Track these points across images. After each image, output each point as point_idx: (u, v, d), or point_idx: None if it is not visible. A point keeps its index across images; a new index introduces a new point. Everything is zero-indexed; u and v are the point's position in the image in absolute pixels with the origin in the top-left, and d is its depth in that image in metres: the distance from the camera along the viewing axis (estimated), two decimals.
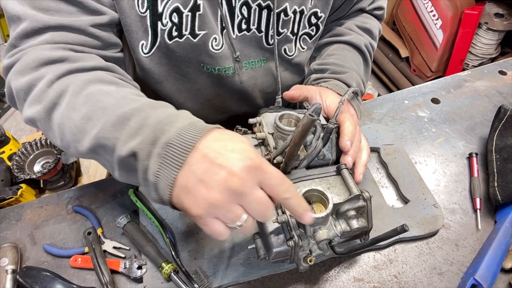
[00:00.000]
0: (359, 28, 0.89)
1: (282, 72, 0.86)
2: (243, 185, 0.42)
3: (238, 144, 0.44)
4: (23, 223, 0.75)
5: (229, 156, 0.43)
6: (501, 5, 2.04)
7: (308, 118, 0.51)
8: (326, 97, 0.72)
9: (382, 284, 0.65)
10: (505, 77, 1.01)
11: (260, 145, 0.66)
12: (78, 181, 1.26)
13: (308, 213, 0.48)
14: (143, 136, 0.46)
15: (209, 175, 0.42)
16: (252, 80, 0.83)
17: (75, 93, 0.54)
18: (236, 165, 0.42)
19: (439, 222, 0.70)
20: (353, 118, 0.68)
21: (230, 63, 0.77)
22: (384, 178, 0.80)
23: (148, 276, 0.66)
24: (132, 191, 0.74)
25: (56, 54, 0.57)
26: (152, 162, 0.45)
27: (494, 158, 0.78)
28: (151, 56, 0.72)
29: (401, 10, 2.38)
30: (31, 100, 0.56)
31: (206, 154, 0.43)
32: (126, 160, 0.48)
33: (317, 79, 0.80)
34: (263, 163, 0.44)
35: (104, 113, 0.50)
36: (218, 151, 0.43)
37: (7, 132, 1.23)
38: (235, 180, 0.42)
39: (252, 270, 0.66)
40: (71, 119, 0.53)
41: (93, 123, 0.51)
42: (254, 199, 0.43)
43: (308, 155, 0.62)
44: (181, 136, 0.44)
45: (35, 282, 0.63)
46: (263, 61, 0.82)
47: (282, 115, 0.66)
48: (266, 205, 0.44)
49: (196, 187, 0.43)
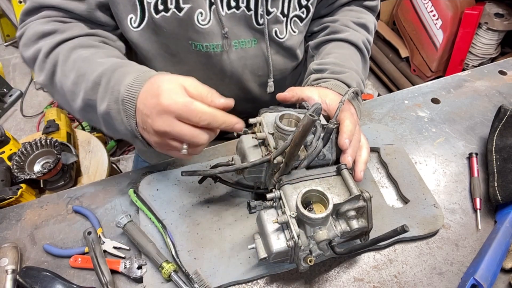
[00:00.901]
0: (355, 24, 0.89)
1: (274, 55, 0.85)
2: (162, 125, 0.55)
3: (159, 90, 0.56)
4: (23, 223, 0.75)
5: (149, 105, 0.56)
6: (501, 5, 2.04)
7: (308, 118, 0.51)
8: (325, 96, 0.72)
9: (382, 284, 0.65)
10: (505, 77, 1.01)
11: (260, 145, 0.66)
12: (78, 181, 1.26)
13: (238, 124, 0.59)
14: (108, 98, 0.61)
15: (145, 124, 0.58)
16: (242, 60, 0.83)
17: (64, 62, 0.67)
18: (152, 112, 0.55)
19: (439, 222, 0.71)
20: (353, 117, 0.68)
21: (218, 40, 0.77)
22: (384, 178, 0.80)
23: (148, 276, 0.66)
24: (132, 191, 0.74)
25: (48, 28, 0.69)
26: (122, 116, 0.60)
27: (494, 158, 0.78)
28: (140, 31, 0.75)
29: (401, 10, 2.38)
30: (37, 69, 0.71)
31: (139, 108, 0.58)
32: (105, 116, 0.62)
33: (316, 79, 0.80)
34: (173, 103, 0.54)
35: (83, 79, 0.64)
36: (144, 103, 0.57)
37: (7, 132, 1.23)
38: (156, 124, 0.56)
39: (252, 270, 0.66)
40: (65, 84, 0.66)
41: (78, 88, 0.64)
42: (177, 132, 0.55)
43: (308, 155, 0.62)
44: (128, 93, 0.59)
45: (35, 282, 0.63)
46: (254, 42, 0.82)
47: (283, 115, 0.66)
48: (190, 134, 0.56)
49: (144, 133, 0.60)
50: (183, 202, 0.75)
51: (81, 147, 1.40)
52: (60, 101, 0.72)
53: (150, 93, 0.57)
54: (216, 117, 0.56)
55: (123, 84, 0.59)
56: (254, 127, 0.69)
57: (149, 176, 0.79)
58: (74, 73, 0.65)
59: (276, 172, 0.62)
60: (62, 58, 0.67)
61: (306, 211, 0.55)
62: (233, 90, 0.88)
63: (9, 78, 2.68)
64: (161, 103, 0.54)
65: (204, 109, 0.56)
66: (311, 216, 0.54)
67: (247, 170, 0.63)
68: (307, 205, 0.59)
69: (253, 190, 0.73)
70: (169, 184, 0.77)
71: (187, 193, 0.76)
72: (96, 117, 0.65)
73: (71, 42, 0.69)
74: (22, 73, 2.74)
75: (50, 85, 0.70)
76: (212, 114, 0.56)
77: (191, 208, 0.74)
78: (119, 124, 0.61)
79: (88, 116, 0.67)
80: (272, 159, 0.60)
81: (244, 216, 0.72)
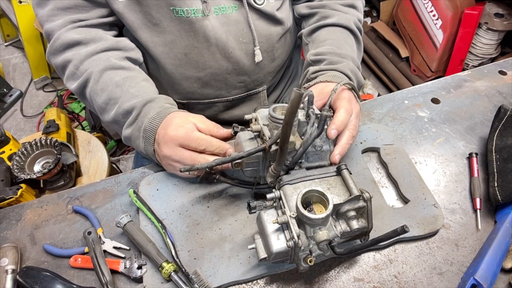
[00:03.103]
0: (343, 6, 0.90)
1: (256, 21, 0.86)
2: (167, 151, 0.70)
3: (169, 123, 0.70)
4: (23, 223, 0.75)
5: (160, 134, 0.71)
6: (501, 5, 2.04)
7: (295, 92, 0.50)
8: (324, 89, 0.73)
9: (382, 284, 0.65)
10: (505, 77, 1.01)
11: (256, 138, 0.67)
12: (78, 181, 1.26)
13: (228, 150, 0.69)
14: (134, 126, 0.76)
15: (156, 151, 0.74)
16: (225, 26, 0.84)
17: (95, 81, 0.79)
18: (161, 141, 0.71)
19: (439, 222, 0.71)
20: (349, 105, 0.69)
21: (198, 5, 0.79)
22: (384, 178, 0.80)
23: (148, 276, 0.66)
24: (132, 191, 0.74)
25: (73, 38, 0.79)
26: (140, 142, 0.75)
27: (494, 158, 0.78)
28: (125, 1, 0.79)
29: (401, 10, 2.37)
30: (67, 77, 0.82)
31: (156, 138, 0.73)
32: (127, 138, 0.78)
33: (315, 72, 0.81)
34: (177, 134, 0.68)
35: (116, 102, 0.77)
36: (158, 133, 0.72)
37: (7, 132, 1.23)
38: (163, 150, 0.71)
39: (252, 270, 0.66)
40: (96, 100, 0.80)
41: (110, 108, 0.79)
42: (178, 156, 0.69)
43: (304, 142, 0.62)
44: (150, 124, 0.73)
45: (35, 282, 0.63)
46: (234, 7, 0.83)
47: (276, 107, 0.66)
48: (189, 157, 0.68)
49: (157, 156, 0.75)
50: (183, 202, 0.75)
51: (81, 147, 1.40)
52: (87, 104, 0.86)
53: (163, 126, 0.71)
54: (212, 143, 0.68)
55: (147, 117, 0.74)
56: (250, 123, 0.70)
57: (149, 176, 0.79)
58: (106, 94, 0.78)
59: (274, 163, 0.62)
60: (94, 78, 0.78)
61: (306, 212, 0.55)
62: (220, 60, 0.88)
63: (9, 78, 2.68)
64: (168, 134, 0.69)
65: (202, 137, 0.68)
66: (311, 216, 0.54)
67: (245, 162, 0.64)
68: (307, 206, 0.59)
69: (253, 186, 0.73)
70: (169, 184, 0.77)
71: (187, 193, 0.76)
72: (119, 131, 0.80)
73: (101, 60, 0.79)
74: (22, 73, 2.74)
75: (80, 94, 0.83)
76: (208, 140, 0.68)
77: (191, 208, 0.74)
78: (136, 146, 0.77)
79: (113, 127, 0.83)
80: (268, 147, 0.60)
81: (244, 216, 0.72)
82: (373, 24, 2.52)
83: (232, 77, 0.91)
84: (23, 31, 2.33)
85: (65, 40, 0.79)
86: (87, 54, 0.80)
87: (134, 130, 0.76)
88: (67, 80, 0.83)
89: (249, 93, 0.97)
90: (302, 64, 1.15)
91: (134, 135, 0.76)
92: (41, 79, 2.58)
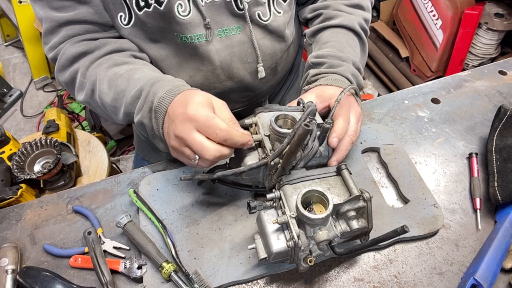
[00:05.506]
0: (348, 7, 0.88)
1: (261, 40, 0.84)
2: (182, 131, 0.60)
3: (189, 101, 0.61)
4: (23, 223, 0.75)
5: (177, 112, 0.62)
6: (501, 5, 2.04)
7: (303, 129, 0.50)
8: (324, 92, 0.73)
9: (382, 284, 0.65)
10: (505, 77, 1.01)
11: (257, 147, 0.66)
12: (78, 181, 1.26)
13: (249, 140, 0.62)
14: (144, 110, 0.69)
15: (168, 129, 0.64)
16: (229, 48, 0.82)
17: (101, 81, 0.75)
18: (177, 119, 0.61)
19: (439, 222, 0.71)
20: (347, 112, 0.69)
21: (201, 30, 0.78)
22: (384, 178, 0.80)
23: (148, 276, 0.66)
24: (132, 191, 0.74)
25: (79, 49, 0.77)
26: (154, 124, 0.68)
27: (494, 158, 0.78)
28: (130, 29, 0.79)
29: (401, 10, 2.38)
30: (77, 89, 0.79)
31: (169, 117, 0.64)
32: (140, 123, 0.71)
33: (315, 75, 0.81)
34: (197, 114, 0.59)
35: (123, 95, 0.72)
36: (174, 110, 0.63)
37: (7, 132, 1.23)
38: (177, 129, 0.61)
39: (252, 270, 0.66)
40: (106, 101, 0.75)
41: (119, 103, 0.74)
42: (191, 140, 0.60)
43: (305, 156, 0.62)
44: (160, 104, 0.66)
45: (35, 282, 0.63)
46: (238, 28, 0.81)
47: (278, 116, 0.66)
48: (200, 146, 0.59)
49: (166, 136, 0.66)
50: (183, 202, 0.75)
51: (81, 147, 1.40)
52: (102, 114, 0.82)
53: (182, 103, 0.63)
54: (232, 135, 0.59)
55: (156, 96, 0.66)
56: (250, 128, 0.69)
57: (149, 176, 0.79)
58: (113, 91, 0.73)
59: (274, 173, 0.62)
60: (100, 78, 0.75)
61: (306, 212, 0.55)
62: (225, 81, 0.87)
63: (9, 78, 2.68)
64: (187, 112, 0.60)
65: (222, 126, 0.59)
66: (311, 216, 0.54)
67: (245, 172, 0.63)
68: (307, 206, 0.59)
69: (251, 189, 0.73)
70: (169, 184, 0.77)
71: (187, 193, 0.76)
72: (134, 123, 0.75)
73: (105, 61, 0.76)
74: (22, 73, 2.74)
75: (91, 102, 0.79)
76: (228, 131, 0.59)
77: (191, 208, 0.74)
78: (150, 130, 0.70)
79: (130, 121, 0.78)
80: (269, 162, 0.60)
81: (244, 216, 0.72)
82: (373, 24, 2.52)
83: (236, 94, 0.90)
84: (23, 31, 2.33)
85: (70, 53, 0.77)
86: (92, 60, 0.77)
87: (145, 112, 0.69)
88: (78, 92, 0.80)
89: (252, 105, 0.96)
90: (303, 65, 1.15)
91: (146, 117, 0.69)
92: (41, 79, 2.58)
